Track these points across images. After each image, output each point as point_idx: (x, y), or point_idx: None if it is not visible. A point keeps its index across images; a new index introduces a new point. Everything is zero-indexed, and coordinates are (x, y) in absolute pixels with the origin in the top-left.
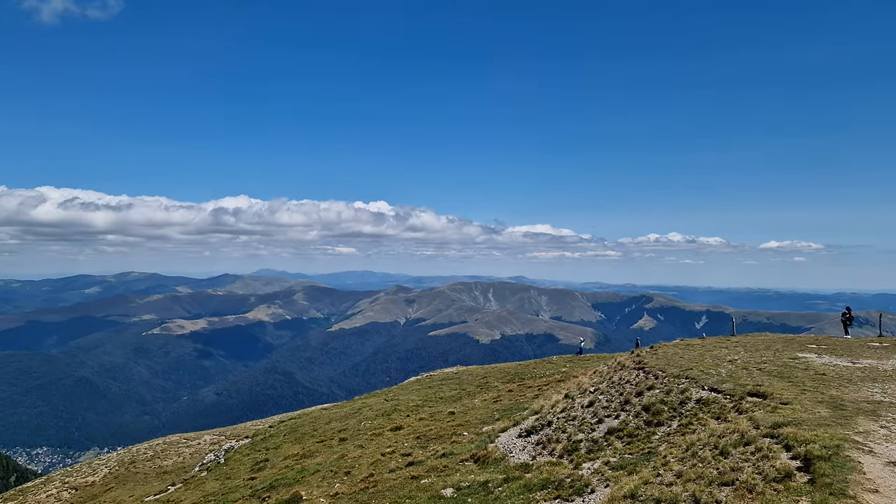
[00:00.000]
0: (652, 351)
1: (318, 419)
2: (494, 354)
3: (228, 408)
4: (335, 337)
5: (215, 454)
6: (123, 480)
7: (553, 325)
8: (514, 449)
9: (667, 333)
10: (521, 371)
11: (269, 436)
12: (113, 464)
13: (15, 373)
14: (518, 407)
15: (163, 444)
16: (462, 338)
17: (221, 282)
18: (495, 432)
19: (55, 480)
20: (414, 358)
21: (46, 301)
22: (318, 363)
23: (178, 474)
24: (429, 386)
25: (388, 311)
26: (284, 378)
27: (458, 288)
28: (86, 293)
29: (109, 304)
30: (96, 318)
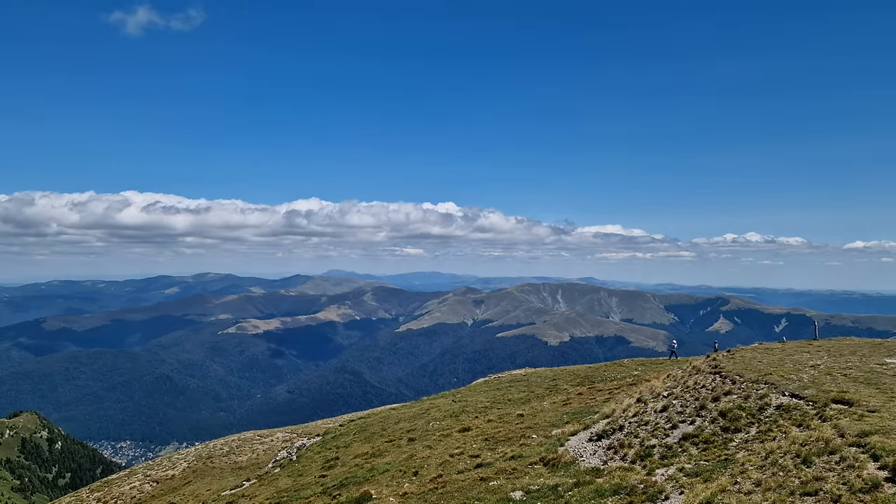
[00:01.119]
0: (729, 355)
1: (386, 419)
2: (563, 357)
3: (300, 406)
4: (403, 337)
5: (288, 451)
6: (201, 475)
7: (624, 328)
8: (585, 453)
9: (744, 337)
10: (591, 374)
11: (339, 434)
12: (191, 458)
13: (101, 369)
14: (588, 410)
15: (238, 441)
16: (530, 339)
17: (293, 282)
18: (565, 436)
19: (138, 473)
20: (481, 359)
21: (130, 301)
22: (387, 363)
23: (253, 470)
24: (497, 388)
25: (456, 312)
26: (354, 377)
27: (526, 289)
28: (165, 293)
29: (188, 304)
30: (175, 318)
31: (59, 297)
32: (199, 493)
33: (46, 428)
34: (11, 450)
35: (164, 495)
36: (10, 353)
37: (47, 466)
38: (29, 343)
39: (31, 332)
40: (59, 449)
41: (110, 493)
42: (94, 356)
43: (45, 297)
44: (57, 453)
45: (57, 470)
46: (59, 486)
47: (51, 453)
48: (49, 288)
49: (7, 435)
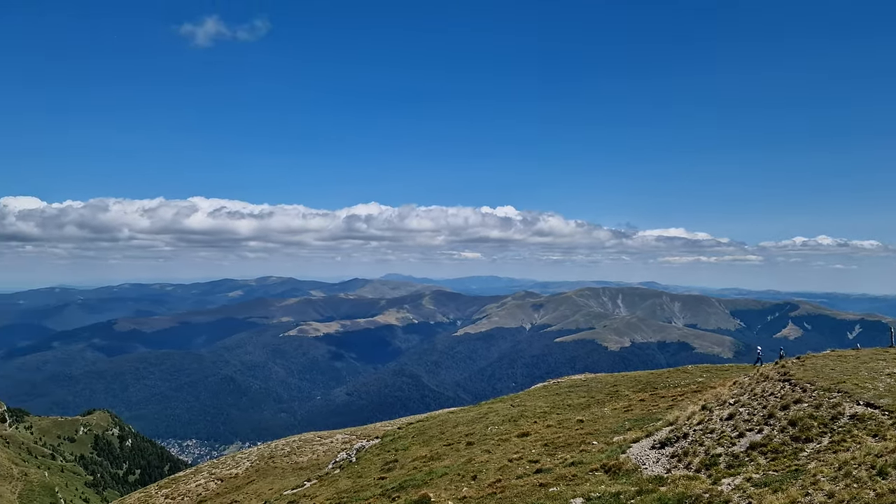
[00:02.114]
0: (799, 362)
1: (445, 422)
2: (624, 362)
3: (358, 408)
4: (461, 341)
5: (347, 453)
6: (263, 474)
7: (687, 333)
8: (647, 461)
9: (815, 343)
10: (654, 380)
11: (397, 437)
12: (254, 458)
13: (169, 370)
14: (651, 417)
15: (298, 441)
16: (589, 344)
17: (351, 286)
18: (626, 442)
19: (203, 471)
20: (540, 364)
21: (196, 303)
22: (445, 367)
23: (313, 470)
24: (556, 393)
25: (514, 316)
26: (412, 381)
27: (585, 293)
28: (229, 296)
29: (250, 307)
30: (239, 320)
31: (130, 299)
32: (262, 492)
33: (118, 426)
34: (85, 446)
35: (228, 493)
36: (85, 354)
37: (118, 463)
38: (102, 344)
39: (103, 333)
40: (130, 446)
41: (177, 490)
42: (162, 357)
43: (117, 299)
44: (127, 450)
45: (127, 466)
46: (130, 482)
47: (122, 450)
48: (120, 290)
49: (81, 432)
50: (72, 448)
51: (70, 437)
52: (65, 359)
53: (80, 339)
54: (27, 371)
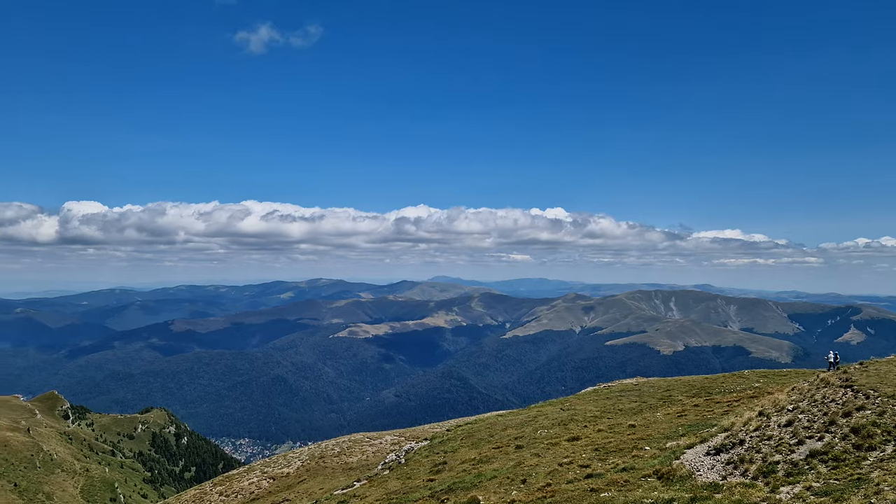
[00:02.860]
0: (861, 367)
1: (493, 425)
2: (677, 366)
3: (407, 410)
4: (509, 344)
5: (396, 454)
6: (314, 473)
7: (743, 337)
8: (702, 467)
9: (879, 348)
10: (708, 385)
11: (446, 439)
12: (305, 457)
13: (223, 370)
14: (705, 423)
15: (348, 442)
16: (641, 348)
17: (400, 288)
18: (680, 448)
19: (256, 470)
20: (590, 367)
21: (248, 305)
22: (493, 369)
23: (363, 471)
24: (607, 397)
25: (563, 318)
26: (460, 383)
27: (636, 296)
28: (281, 298)
29: (301, 309)
30: (290, 321)
31: (186, 300)
32: (313, 492)
33: (174, 424)
34: (143, 443)
35: (280, 492)
36: (142, 353)
37: (174, 460)
38: (159, 344)
39: (161, 333)
40: (185, 444)
41: (231, 488)
42: (216, 357)
43: (173, 300)
44: (183, 448)
45: (183, 464)
46: (186, 479)
47: (178, 448)
48: (176, 292)
49: (140, 429)
50: (131, 445)
51: (129, 434)
52: (124, 358)
53: (138, 339)
54: (89, 369)
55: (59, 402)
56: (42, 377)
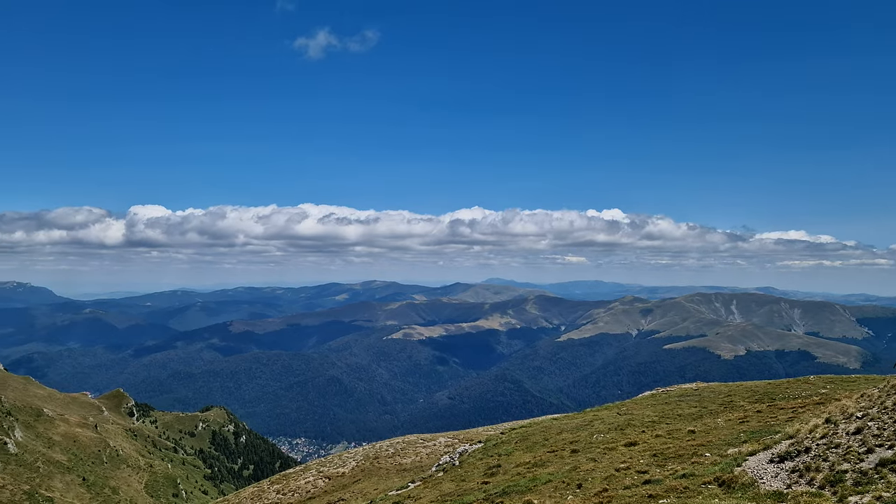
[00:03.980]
0: None
1: (548, 429)
2: (738, 371)
3: (460, 412)
4: (564, 347)
5: (450, 456)
6: (368, 474)
7: (808, 342)
8: (765, 475)
9: None
10: (772, 390)
11: (500, 442)
12: (359, 458)
13: (280, 370)
14: (768, 430)
15: (402, 443)
16: (701, 352)
17: (453, 290)
18: (742, 455)
19: (312, 469)
20: (647, 371)
21: (304, 306)
22: (547, 373)
23: (417, 472)
24: (665, 402)
25: (620, 322)
26: (514, 386)
27: (696, 299)
28: (336, 299)
29: (356, 310)
30: (344, 323)
31: (244, 302)
32: (367, 492)
33: (233, 422)
34: (204, 441)
35: (336, 491)
36: (203, 354)
37: (233, 458)
38: (219, 344)
39: (220, 334)
40: (244, 442)
41: (288, 486)
42: (273, 357)
43: (232, 302)
44: (242, 446)
45: (242, 461)
46: (244, 477)
47: (236, 446)
48: (235, 294)
49: (200, 427)
50: (192, 442)
51: (190, 431)
52: (186, 358)
53: (199, 339)
54: (153, 368)
55: (124, 400)
56: (109, 375)
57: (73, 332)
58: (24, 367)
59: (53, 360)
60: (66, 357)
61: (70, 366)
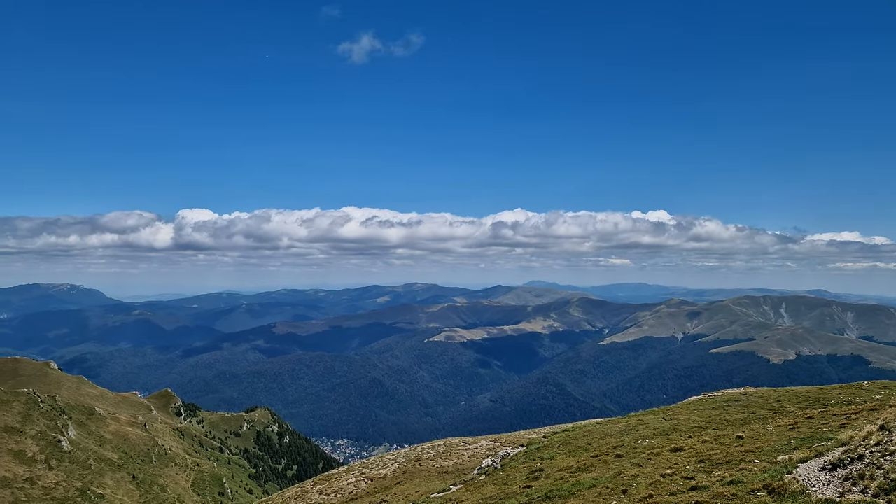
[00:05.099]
0: None
1: (591, 433)
2: (788, 376)
3: (502, 415)
4: (607, 350)
5: (492, 459)
6: (410, 476)
7: (862, 346)
8: (817, 483)
9: None
10: (823, 396)
11: (542, 446)
12: (401, 460)
13: (322, 371)
14: (820, 436)
15: (444, 446)
16: (749, 356)
17: (494, 293)
18: (793, 462)
19: (354, 470)
20: (693, 376)
21: (346, 308)
22: (590, 376)
23: (458, 475)
24: (712, 407)
25: (665, 325)
26: (556, 389)
27: (744, 302)
28: (377, 302)
29: (397, 313)
30: (386, 325)
31: (287, 304)
32: (409, 494)
33: (277, 423)
34: (248, 441)
35: (378, 493)
36: (247, 355)
37: (277, 458)
38: (263, 346)
39: (265, 335)
40: (287, 443)
41: (331, 487)
42: (315, 359)
43: (276, 304)
44: (285, 447)
45: (285, 462)
46: (288, 477)
47: (280, 446)
48: (279, 296)
49: (245, 427)
50: (237, 442)
51: (235, 431)
52: (231, 359)
53: (244, 340)
54: (200, 369)
55: (172, 400)
56: (157, 375)
57: (123, 333)
58: (77, 366)
59: (105, 361)
60: (116, 357)
61: (121, 366)
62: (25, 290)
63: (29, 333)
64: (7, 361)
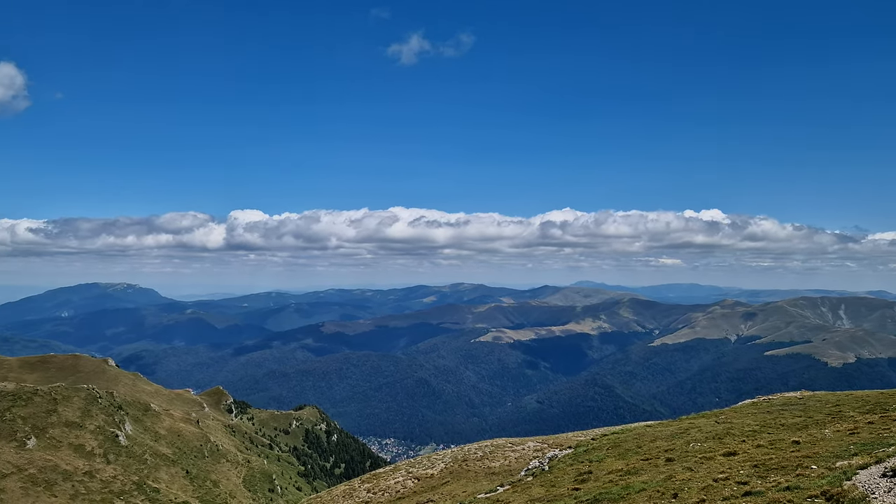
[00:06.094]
0: None
1: (641, 436)
2: (847, 380)
3: (549, 417)
4: (657, 352)
5: (539, 461)
6: (457, 476)
7: None
8: (878, 490)
9: None
10: (885, 400)
11: (591, 448)
12: (448, 460)
13: (369, 371)
14: (881, 442)
15: (490, 447)
16: (805, 359)
17: (541, 293)
18: (852, 469)
19: (401, 469)
20: (747, 379)
21: (393, 308)
22: (640, 378)
23: (505, 476)
24: (767, 410)
25: (717, 326)
26: (604, 391)
27: (800, 303)
28: (424, 302)
29: (443, 313)
30: (432, 325)
31: (335, 304)
32: (456, 494)
33: (325, 421)
34: (297, 439)
35: (424, 492)
36: (296, 354)
37: (325, 456)
38: (312, 345)
39: (313, 335)
40: (335, 441)
41: (378, 486)
42: (362, 358)
43: (324, 303)
44: (333, 445)
45: (333, 460)
46: (336, 475)
47: (328, 444)
48: (327, 295)
49: (294, 425)
50: (286, 440)
51: (284, 429)
52: (280, 357)
53: (293, 339)
54: (251, 367)
55: (223, 397)
56: (209, 373)
57: (177, 332)
58: (134, 364)
59: (160, 358)
60: (170, 355)
61: (175, 363)
62: (85, 288)
63: (88, 331)
64: (68, 358)
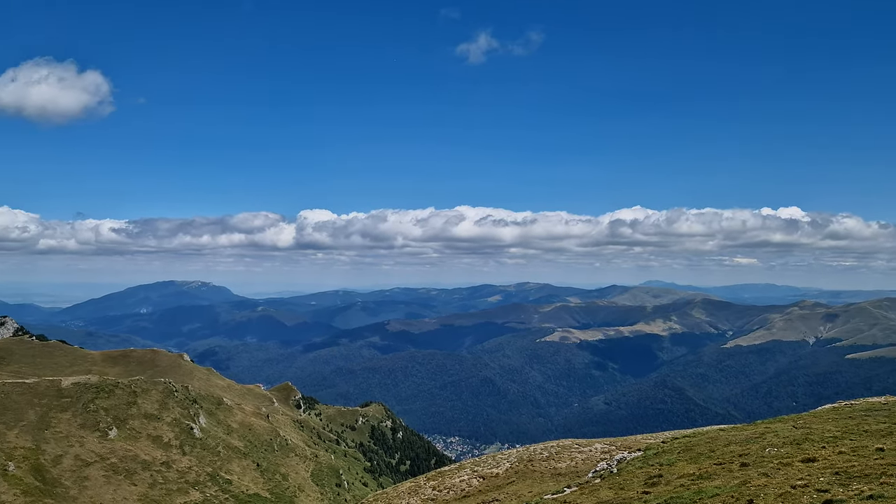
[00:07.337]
0: None
1: (714, 440)
2: None
3: (617, 418)
4: (731, 354)
5: (607, 463)
6: (522, 476)
7: None
8: None
9: None
10: None
11: (661, 451)
12: (513, 459)
13: (434, 369)
14: None
15: (556, 447)
16: (890, 363)
17: (609, 293)
18: None
19: (466, 468)
20: (827, 383)
21: (458, 307)
22: (712, 381)
23: (572, 478)
24: (849, 416)
25: (795, 328)
26: (675, 394)
27: (885, 304)
28: (489, 301)
29: (508, 312)
30: (498, 325)
31: (401, 302)
32: (521, 494)
33: (390, 418)
34: (363, 435)
35: (490, 491)
36: (362, 351)
37: (391, 453)
38: (378, 343)
39: (380, 333)
40: (401, 438)
41: (443, 484)
42: (428, 357)
43: (389, 302)
44: (398, 442)
45: (399, 457)
46: (401, 472)
47: (394, 441)
48: (392, 294)
49: (360, 422)
50: (352, 436)
51: (351, 425)
52: (347, 355)
53: (360, 337)
54: (318, 364)
55: (292, 393)
56: (279, 369)
57: (249, 328)
58: (208, 359)
59: (232, 354)
60: (242, 351)
61: (246, 359)
62: (163, 286)
63: (166, 327)
64: (146, 353)
